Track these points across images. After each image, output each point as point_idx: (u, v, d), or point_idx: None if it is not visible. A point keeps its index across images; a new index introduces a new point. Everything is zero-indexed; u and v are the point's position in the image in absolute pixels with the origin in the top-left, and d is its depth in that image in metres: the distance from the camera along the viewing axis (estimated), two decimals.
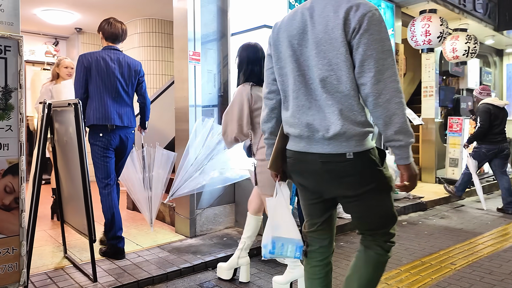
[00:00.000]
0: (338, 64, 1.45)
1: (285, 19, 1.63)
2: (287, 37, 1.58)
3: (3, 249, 1.98)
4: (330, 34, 1.45)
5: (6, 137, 1.96)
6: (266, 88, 1.71)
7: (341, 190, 1.56)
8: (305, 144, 1.54)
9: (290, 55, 1.56)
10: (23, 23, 6.67)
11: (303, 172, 1.61)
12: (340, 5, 1.46)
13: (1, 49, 1.93)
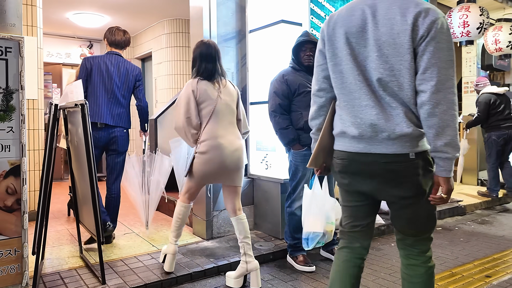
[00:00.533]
0: (401, 71, 1.45)
1: (342, 13, 1.58)
2: (345, 33, 1.54)
3: (5, 250, 1.99)
4: (396, 39, 1.44)
5: (7, 138, 1.97)
6: (316, 85, 1.69)
7: (400, 191, 1.54)
8: (365, 145, 1.52)
9: (348, 53, 1.54)
10: (58, 27, 6.95)
11: (358, 173, 1.58)
12: (408, 8, 1.44)
13: (2, 50, 1.93)
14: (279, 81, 2.88)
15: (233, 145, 2.56)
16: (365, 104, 1.51)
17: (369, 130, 1.50)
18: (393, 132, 1.47)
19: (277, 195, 3.37)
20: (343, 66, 1.56)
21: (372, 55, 1.50)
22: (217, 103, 2.54)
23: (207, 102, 2.53)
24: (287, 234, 3.01)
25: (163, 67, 6.65)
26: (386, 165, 1.50)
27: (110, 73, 3.23)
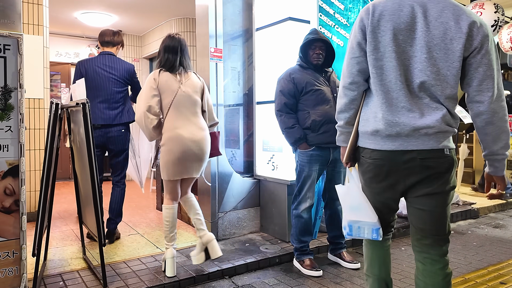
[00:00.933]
0: (447, 77, 1.49)
1: (389, 6, 1.53)
2: (393, 29, 1.51)
3: (3, 252, 1.95)
4: (448, 45, 1.47)
5: (5, 138, 1.92)
6: (349, 78, 1.62)
7: (433, 187, 1.56)
8: (402, 142, 1.53)
9: (394, 50, 1.51)
10: (67, 26, 6.95)
11: (391, 171, 1.58)
12: (461, 15, 1.48)
13: (0, 48, 1.89)
14: (285, 80, 2.80)
15: (193, 136, 2.59)
16: (403, 106, 1.52)
17: (406, 129, 1.52)
18: (431, 128, 1.50)
19: (284, 196, 3.29)
20: (385, 62, 1.53)
21: (419, 56, 1.50)
22: (176, 94, 2.58)
23: (166, 93, 2.58)
24: (294, 237, 2.92)
25: None
26: (422, 161, 1.53)
27: (105, 73, 3.28)
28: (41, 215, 2.26)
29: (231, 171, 3.43)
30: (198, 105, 2.68)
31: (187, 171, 2.63)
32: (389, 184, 1.62)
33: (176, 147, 2.56)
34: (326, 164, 2.85)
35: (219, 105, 3.35)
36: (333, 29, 3.71)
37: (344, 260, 2.97)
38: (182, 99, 2.61)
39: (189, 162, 2.60)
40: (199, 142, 2.60)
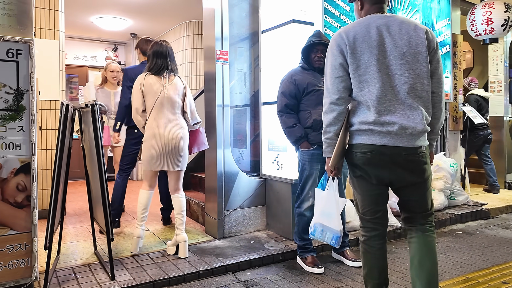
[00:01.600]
0: (422, 74, 1.83)
1: (358, 31, 1.84)
2: (368, 47, 1.82)
3: (16, 244, 2.07)
4: (415, 49, 1.82)
5: (18, 137, 2.05)
6: (336, 94, 1.87)
7: (414, 177, 1.87)
8: (390, 139, 1.79)
9: (374, 64, 1.81)
10: (84, 30, 7.17)
11: (381, 164, 1.84)
12: (415, 26, 1.87)
13: (13, 52, 2.01)
14: (287, 81, 2.87)
15: (171, 134, 2.91)
16: (389, 109, 1.80)
17: (396, 128, 1.78)
18: (415, 129, 1.79)
19: (288, 195, 3.35)
20: (369, 76, 1.82)
21: (395, 63, 1.81)
22: (159, 96, 2.92)
23: (150, 95, 2.93)
24: (297, 235, 2.98)
25: (182, 68, 6.75)
26: (407, 156, 1.82)
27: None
28: (53, 211, 2.38)
29: (237, 170, 3.51)
30: (178, 106, 2.99)
31: (165, 164, 2.94)
32: (378, 174, 1.87)
33: (155, 144, 2.90)
34: None
35: (225, 106, 3.44)
36: None
37: (347, 258, 3.01)
38: (164, 100, 2.93)
39: (167, 157, 2.92)
40: (176, 139, 2.92)
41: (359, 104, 1.87)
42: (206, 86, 3.58)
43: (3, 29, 2.12)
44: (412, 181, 1.88)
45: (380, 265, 1.95)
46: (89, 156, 2.87)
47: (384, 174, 1.86)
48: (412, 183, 1.89)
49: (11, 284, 2.09)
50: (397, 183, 1.89)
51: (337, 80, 1.87)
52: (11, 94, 2.04)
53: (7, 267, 2.07)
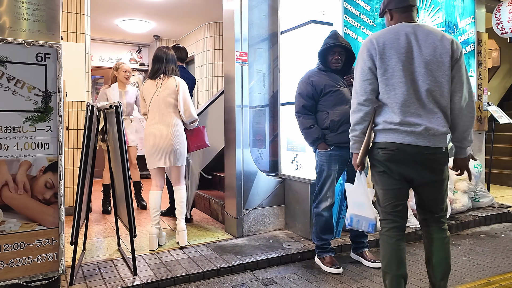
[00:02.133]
0: (443, 83, 1.97)
1: (388, 37, 2.01)
2: (396, 53, 1.97)
3: (44, 239, 2.18)
4: (439, 58, 1.97)
5: (46, 137, 2.15)
6: (363, 96, 2.02)
7: (433, 175, 2.02)
8: (414, 138, 1.94)
9: (401, 69, 1.96)
10: (109, 33, 7.37)
11: (403, 161, 1.99)
12: (442, 36, 2.01)
13: (42, 56, 2.12)
14: (304, 83, 2.88)
15: (162, 132, 3.12)
16: (413, 112, 1.95)
17: (419, 129, 1.93)
18: (437, 131, 1.94)
19: (307, 195, 3.37)
20: (395, 80, 1.97)
21: (419, 70, 1.96)
22: (152, 98, 3.17)
23: (147, 98, 3.21)
24: (315, 235, 2.99)
25: (204, 69, 6.85)
26: (428, 155, 1.96)
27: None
28: (79, 208, 2.48)
29: (256, 170, 3.55)
30: (171, 105, 3.16)
31: (159, 161, 3.14)
32: (400, 171, 2.01)
33: (148, 142, 3.16)
34: (346, 163, 2.90)
35: (244, 107, 3.48)
36: (358, 30, 3.73)
37: (366, 259, 3.00)
38: (157, 102, 3.16)
39: (159, 154, 3.12)
40: (166, 137, 3.11)
41: (385, 106, 2.01)
42: (225, 87, 3.64)
43: (33, 34, 2.23)
44: (431, 179, 2.02)
45: (399, 257, 2.03)
46: (113, 155, 2.96)
47: (406, 171, 2.00)
48: (431, 181, 2.03)
49: (40, 276, 2.19)
50: (417, 181, 2.03)
51: (365, 83, 2.02)
52: (40, 96, 2.14)
53: (36, 261, 2.18)
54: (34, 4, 2.24)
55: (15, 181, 2.13)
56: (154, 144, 3.11)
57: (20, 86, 2.11)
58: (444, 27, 4.41)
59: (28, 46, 2.11)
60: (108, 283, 2.53)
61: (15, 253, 2.13)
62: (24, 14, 2.23)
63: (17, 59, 2.10)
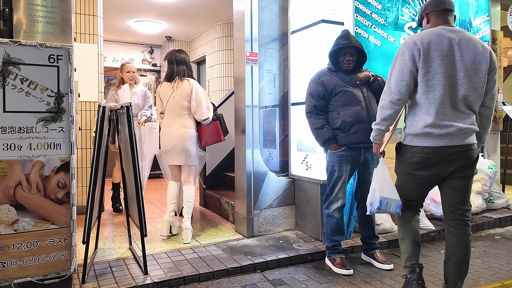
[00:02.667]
0: (478, 89, 2.10)
1: (432, 39, 2.08)
2: (439, 56, 2.06)
3: (56, 238, 2.21)
4: (477, 65, 2.08)
5: (58, 137, 2.19)
6: (397, 95, 2.12)
7: (466, 171, 2.14)
8: (448, 140, 2.06)
9: (442, 72, 2.05)
10: (121, 34, 7.45)
11: (439, 162, 2.11)
12: (482, 45, 2.12)
13: (54, 58, 2.15)
14: (315, 83, 2.87)
15: (175, 132, 3.35)
16: (447, 113, 2.07)
17: (453, 130, 2.06)
18: (469, 130, 2.07)
19: (317, 196, 3.35)
20: (436, 81, 2.06)
21: (458, 74, 2.07)
22: (168, 100, 3.40)
23: (163, 100, 3.46)
24: (325, 236, 2.98)
25: (215, 69, 6.88)
26: (462, 153, 2.09)
27: None
28: (90, 207, 2.52)
29: (266, 170, 3.54)
30: (185, 108, 3.38)
31: (171, 159, 3.39)
32: (434, 171, 2.14)
33: (163, 141, 3.41)
34: (357, 164, 2.88)
35: (254, 107, 3.48)
36: (370, 29, 3.70)
37: (377, 260, 2.97)
38: (172, 104, 3.39)
39: (172, 153, 3.37)
40: (177, 137, 3.33)
41: (420, 106, 2.12)
42: (235, 87, 3.64)
43: (46, 36, 2.27)
44: (462, 175, 2.15)
45: (414, 227, 2.31)
46: (125, 155, 3.00)
47: (441, 170, 2.14)
48: (462, 176, 2.15)
49: (52, 275, 2.23)
50: (449, 177, 2.17)
51: (402, 83, 2.10)
52: (52, 97, 2.17)
53: (48, 259, 2.21)
54: (47, 7, 2.28)
55: (28, 181, 2.17)
56: (167, 143, 3.36)
57: (33, 87, 2.14)
58: (458, 26, 4.34)
59: (41, 48, 2.14)
60: (119, 281, 2.55)
61: (28, 251, 2.16)
62: (38, 16, 2.27)
63: (30, 61, 2.14)
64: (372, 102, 2.87)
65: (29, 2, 2.27)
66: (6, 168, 2.12)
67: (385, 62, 3.74)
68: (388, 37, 3.80)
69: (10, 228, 2.13)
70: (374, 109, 2.85)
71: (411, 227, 2.31)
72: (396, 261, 3.08)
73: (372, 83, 2.91)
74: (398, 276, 2.78)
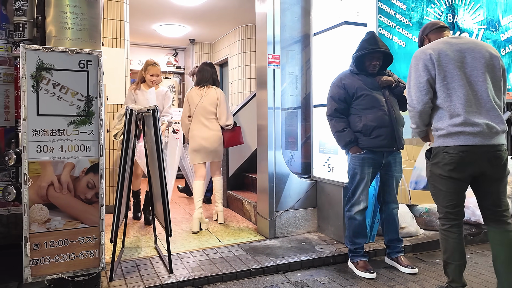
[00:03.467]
0: (497, 83, 2.20)
1: (441, 46, 2.21)
2: (451, 60, 2.17)
3: (86, 237, 2.30)
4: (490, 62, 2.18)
5: (88, 140, 2.27)
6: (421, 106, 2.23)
7: (498, 171, 2.19)
8: (480, 139, 2.11)
9: (458, 74, 2.16)
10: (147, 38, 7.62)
11: (472, 162, 2.14)
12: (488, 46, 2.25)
13: (84, 63, 2.24)
14: (336, 85, 2.86)
15: (203, 134, 3.81)
16: (475, 111, 2.13)
17: (484, 128, 2.10)
18: (498, 129, 2.13)
19: (340, 198, 3.34)
20: (455, 84, 2.15)
21: (476, 72, 2.15)
22: (197, 106, 3.84)
23: (192, 105, 3.89)
24: (347, 238, 2.97)
25: (237, 71, 6.94)
26: (495, 152, 2.14)
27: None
28: (118, 207, 2.60)
29: (288, 172, 3.56)
30: (212, 113, 3.83)
31: (201, 158, 3.84)
32: (467, 172, 2.17)
33: (192, 143, 3.84)
34: (380, 167, 2.85)
35: (276, 109, 3.50)
36: (394, 30, 3.67)
37: (401, 264, 2.93)
38: (200, 109, 3.83)
39: (201, 153, 3.82)
40: (207, 139, 3.80)
41: (445, 110, 2.18)
42: (258, 89, 3.68)
43: (76, 43, 2.36)
44: (496, 175, 2.19)
45: (461, 249, 2.25)
46: (151, 156, 3.07)
47: (474, 170, 2.17)
48: (495, 177, 2.19)
49: (82, 272, 2.32)
50: (483, 178, 2.20)
51: (422, 93, 2.21)
52: (82, 101, 2.26)
53: (78, 257, 2.30)
54: (77, 14, 2.37)
55: (60, 181, 2.26)
56: (199, 144, 3.79)
57: (64, 91, 2.24)
58: (485, 25, 4.23)
59: (71, 54, 2.23)
60: (145, 280, 2.62)
61: (59, 249, 2.26)
62: (68, 23, 2.36)
63: (61, 66, 2.23)
64: (394, 106, 2.84)
65: (60, 10, 2.37)
66: (39, 169, 2.22)
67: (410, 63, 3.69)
68: (412, 37, 3.75)
69: (43, 227, 2.23)
70: (396, 113, 2.82)
71: (456, 248, 2.25)
72: (421, 265, 3.03)
73: (394, 89, 2.88)
74: (422, 280, 2.75)
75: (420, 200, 3.67)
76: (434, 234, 3.54)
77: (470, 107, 2.12)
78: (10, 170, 2.64)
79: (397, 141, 2.80)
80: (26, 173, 2.17)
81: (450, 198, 2.24)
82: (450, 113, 2.16)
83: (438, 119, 2.23)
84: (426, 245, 3.38)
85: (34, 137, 2.19)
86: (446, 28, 2.41)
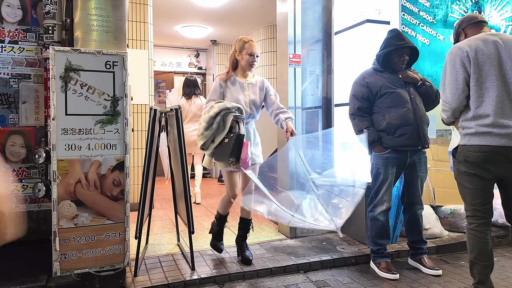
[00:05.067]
0: None
1: (478, 44, 2.18)
2: (488, 59, 2.15)
3: (112, 233, 2.37)
4: None
5: (114, 138, 2.34)
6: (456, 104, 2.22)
7: None
8: (507, 140, 2.09)
9: (494, 73, 2.14)
10: (169, 39, 7.74)
11: (496, 162, 2.13)
12: None
13: (110, 64, 2.30)
14: (359, 84, 2.84)
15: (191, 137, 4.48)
16: (506, 112, 2.12)
17: (511, 130, 2.09)
18: None
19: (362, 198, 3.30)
20: (489, 83, 2.14)
21: (510, 72, 2.14)
22: (187, 113, 4.97)
23: (185, 112, 4.97)
24: (370, 239, 2.94)
25: (258, 71, 6.95)
26: None
27: None
28: (142, 204, 2.66)
29: None
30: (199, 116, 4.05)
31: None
32: (492, 172, 2.16)
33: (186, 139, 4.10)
34: (404, 167, 2.81)
35: (297, 108, 3.51)
36: (417, 27, 3.61)
37: (425, 266, 2.88)
38: (190, 115, 4.98)
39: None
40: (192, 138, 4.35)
41: (477, 110, 2.16)
42: (278, 89, 3.68)
43: (102, 44, 2.43)
44: None
45: (489, 249, 2.21)
46: (174, 155, 3.13)
47: (499, 171, 2.15)
48: None
49: (108, 267, 2.38)
50: (508, 179, 2.19)
51: (457, 91, 2.19)
52: (109, 101, 2.33)
53: (104, 252, 2.37)
54: (103, 16, 2.44)
55: (87, 179, 2.34)
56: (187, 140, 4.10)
57: (91, 92, 2.31)
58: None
59: (98, 55, 2.30)
60: (168, 276, 2.68)
61: (86, 244, 2.33)
62: (95, 25, 2.44)
63: (88, 67, 2.30)
64: (419, 103, 2.80)
65: (87, 13, 2.44)
66: (68, 167, 2.30)
67: (434, 61, 3.63)
68: (437, 35, 3.69)
69: (71, 222, 2.31)
70: (421, 110, 2.77)
71: (484, 249, 2.21)
72: (445, 267, 2.97)
73: (420, 87, 2.83)
74: (446, 282, 2.69)
75: (444, 201, 3.60)
76: (459, 235, 3.46)
77: (501, 108, 2.12)
78: (40, 168, 2.74)
79: (422, 139, 2.75)
80: (55, 171, 2.25)
81: (477, 196, 2.22)
82: (479, 113, 2.16)
83: (466, 118, 2.22)
84: (450, 247, 3.31)
85: (63, 136, 2.27)
86: (484, 23, 2.34)
